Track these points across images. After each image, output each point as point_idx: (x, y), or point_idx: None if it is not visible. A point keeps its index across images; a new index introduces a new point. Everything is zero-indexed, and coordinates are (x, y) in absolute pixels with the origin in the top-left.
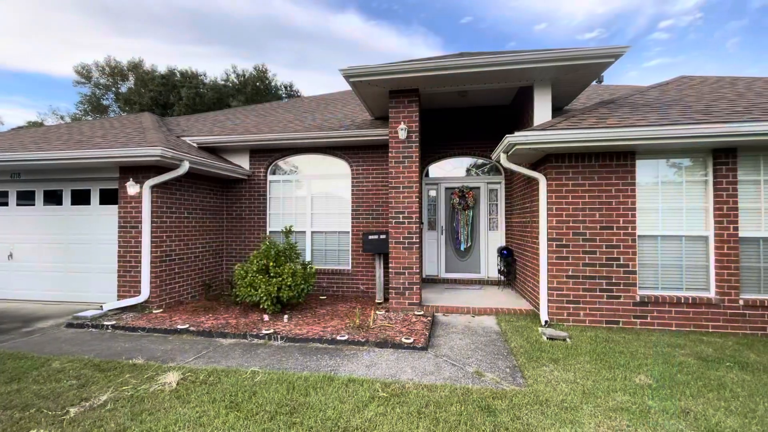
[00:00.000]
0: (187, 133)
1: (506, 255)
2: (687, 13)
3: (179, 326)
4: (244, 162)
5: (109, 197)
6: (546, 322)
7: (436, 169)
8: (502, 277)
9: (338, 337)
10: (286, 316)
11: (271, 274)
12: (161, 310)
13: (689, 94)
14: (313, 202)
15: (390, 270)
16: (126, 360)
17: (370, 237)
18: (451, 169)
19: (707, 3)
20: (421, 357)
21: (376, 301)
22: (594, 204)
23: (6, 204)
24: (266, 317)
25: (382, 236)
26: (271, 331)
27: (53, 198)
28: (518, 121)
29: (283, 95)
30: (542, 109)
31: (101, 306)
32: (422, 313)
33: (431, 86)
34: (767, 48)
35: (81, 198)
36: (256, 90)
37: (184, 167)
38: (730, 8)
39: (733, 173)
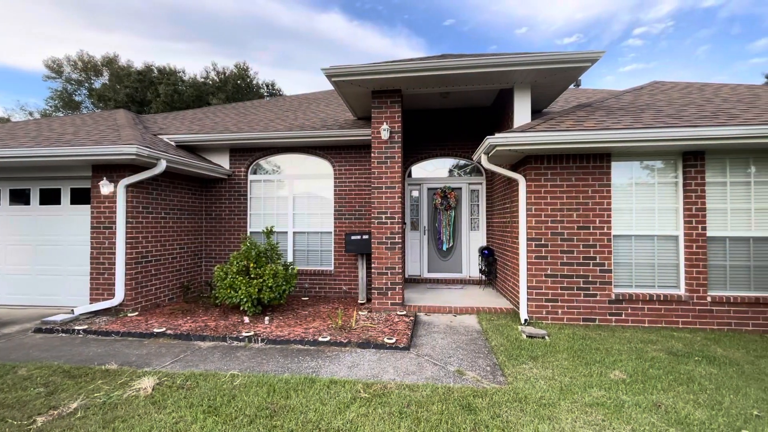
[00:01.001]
0: (164, 131)
1: (487, 255)
2: (660, 21)
3: (156, 329)
4: (224, 161)
5: (80, 197)
6: (525, 320)
7: (419, 170)
8: (484, 277)
9: (320, 339)
10: (267, 318)
11: (252, 276)
12: (137, 313)
13: (661, 99)
14: (295, 202)
15: (373, 270)
16: (98, 366)
17: (353, 237)
18: (434, 169)
19: (679, 12)
20: (403, 357)
21: (359, 301)
22: (572, 204)
23: None
24: (246, 319)
25: (365, 236)
26: (252, 333)
27: (20, 197)
28: (499, 123)
29: (265, 94)
30: (522, 111)
31: (72, 310)
32: (405, 312)
33: (414, 87)
34: (734, 55)
35: (51, 198)
36: (237, 88)
37: (161, 166)
38: (699, 17)
39: (701, 175)
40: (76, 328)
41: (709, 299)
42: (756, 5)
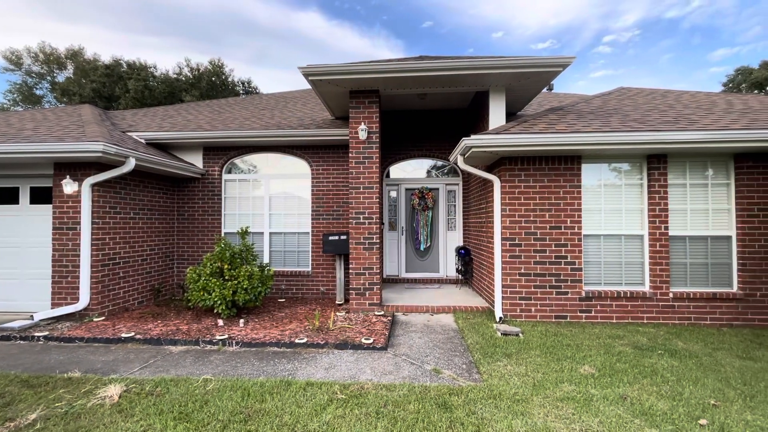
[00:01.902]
0: (134, 128)
1: (464, 254)
2: (627, 30)
3: (124, 334)
4: (197, 160)
5: (41, 196)
6: (500, 318)
7: (397, 170)
8: (460, 276)
9: (297, 340)
10: (242, 321)
11: (226, 277)
12: (103, 317)
13: (627, 104)
14: (271, 203)
15: (350, 271)
16: (60, 374)
17: (331, 238)
18: (412, 170)
19: (644, 22)
20: (380, 357)
21: (337, 302)
22: (544, 205)
23: None
24: (221, 322)
25: (343, 237)
26: (226, 336)
27: None
28: (475, 125)
29: (241, 92)
30: (497, 113)
31: (32, 315)
32: (382, 313)
33: (392, 87)
34: (694, 64)
35: (8, 197)
36: (211, 85)
37: (130, 164)
38: (663, 27)
39: (664, 177)
40: (36, 334)
41: (671, 295)
42: (715, 18)
